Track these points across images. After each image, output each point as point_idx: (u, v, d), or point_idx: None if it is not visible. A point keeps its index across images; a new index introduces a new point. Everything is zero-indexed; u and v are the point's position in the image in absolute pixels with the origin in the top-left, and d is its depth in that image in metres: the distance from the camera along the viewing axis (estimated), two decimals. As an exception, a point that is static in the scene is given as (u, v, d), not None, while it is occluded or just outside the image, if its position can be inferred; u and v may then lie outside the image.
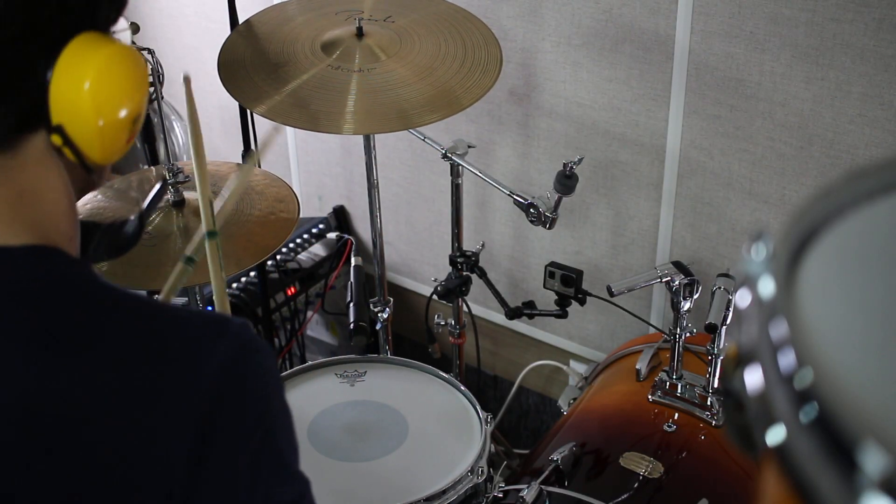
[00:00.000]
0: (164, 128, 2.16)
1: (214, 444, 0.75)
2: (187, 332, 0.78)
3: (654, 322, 2.10)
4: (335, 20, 1.75)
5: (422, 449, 1.57)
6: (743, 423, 0.41)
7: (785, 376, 0.39)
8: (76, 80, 0.76)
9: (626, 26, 1.88)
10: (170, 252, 1.59)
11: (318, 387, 1.72)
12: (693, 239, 1.99)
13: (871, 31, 1.61)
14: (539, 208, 1.72)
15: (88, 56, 0.76)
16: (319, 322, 2.59)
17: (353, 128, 1.60)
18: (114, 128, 0.79)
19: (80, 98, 0.76)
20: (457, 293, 1.97)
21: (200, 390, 0.75)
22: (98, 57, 0.77)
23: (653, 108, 1.92)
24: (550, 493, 1.50)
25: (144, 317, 0.78)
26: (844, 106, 1.69)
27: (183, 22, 2.64)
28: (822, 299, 0.43)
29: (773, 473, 0.39)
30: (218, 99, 2.60)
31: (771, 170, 1.82)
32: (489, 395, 2.54)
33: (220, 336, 0.78)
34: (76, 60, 0.76)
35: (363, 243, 2.62)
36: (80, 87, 0.76)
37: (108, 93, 0.78)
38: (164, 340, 0.77)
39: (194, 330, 0.78)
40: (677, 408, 1.68)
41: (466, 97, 1.62)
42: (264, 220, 1.66)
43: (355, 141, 2.41)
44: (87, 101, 0.76)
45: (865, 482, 0.35)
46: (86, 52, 0.76)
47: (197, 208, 1.66)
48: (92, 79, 0.76)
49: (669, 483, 1.54)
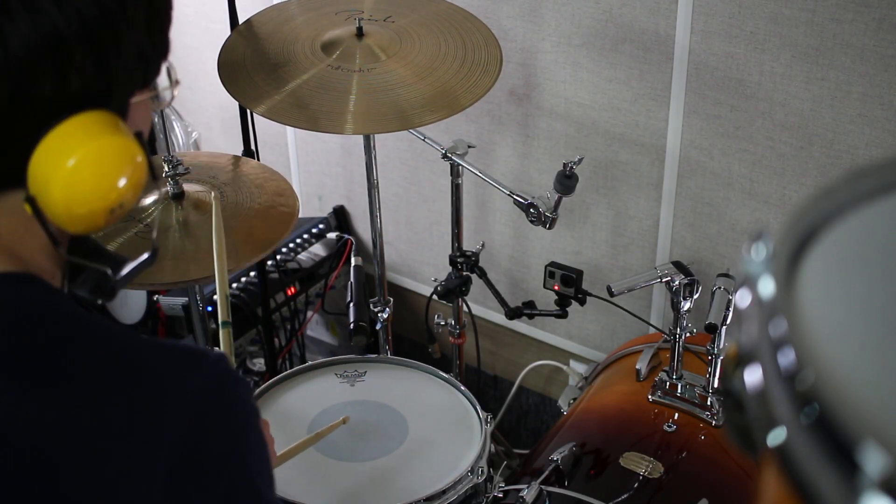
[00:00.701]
0: (164, 127, 2.16)
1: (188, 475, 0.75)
2: (163, 365, 0.77)
3: (654, 322, 2.10)
4: (335, 20, 1.76)
5: (422, 449, 1.57)
6: (743, 423, 0.41)
7: (785, 376, 0.39)
8: (56, 159, 0.74)
9: (626, 26, 1.88)
10: (170, 246, 1.59)
11: (318, 387, 1.72)
12: (693, 239, 1.99)
13: (871, 31, 1.61)
14: (539, 208, 1.72)
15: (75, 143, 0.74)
16: (319, 322, 2.59)
17: (353, 128, 1.60)
18: (86, 214, 0.77)
19: (54, 181, 0.74)
20: (457, 293, 1.97)
21: (175, 421, 0.74)
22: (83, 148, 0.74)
23: (653, 108, 1.92)
24: (550, 493, 1.50)
25: (121, 348, 0.77)
26: (844, 106, 1.69)
27: (183, 22, 2.64)
28: (822, 299, 0.43)
29: (773, 473, 0.39)
30: (218, 99, 2.60)
31: (771, 170, 1.82)
32: (489, 395, 2.54)
33: (195, 368, 0.77)
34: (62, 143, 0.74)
35: (363, 243, 2.62)
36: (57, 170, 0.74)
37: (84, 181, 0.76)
38: (138, 372, 0.76)
39: (170, 362, 0.78)
40: (677, 408, 1.68)
41: (466, 97, 1.62)
42: (265, 214, 1.66)
43: (355, 141, 2.40)
44: (59, 186, 0.74)
45: (865, 482, 0.35)
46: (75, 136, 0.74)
47: (196, 201, 1.67)
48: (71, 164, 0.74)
49: (669, 483, 1.54)
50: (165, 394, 0.76)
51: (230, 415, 0.79)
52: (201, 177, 1.73)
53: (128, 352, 0.77)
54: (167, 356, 0.78)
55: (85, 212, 0.77)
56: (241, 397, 0.81)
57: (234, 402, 0.79)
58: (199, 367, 0.78)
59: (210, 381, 0.78)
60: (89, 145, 0.75)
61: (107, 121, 0.76)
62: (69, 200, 0.75)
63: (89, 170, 0.75)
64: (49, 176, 0.74)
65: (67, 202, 0.75)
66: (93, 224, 0.79)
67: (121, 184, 0.78)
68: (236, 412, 0.79)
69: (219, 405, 0.78)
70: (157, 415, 0.75)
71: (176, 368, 0.77)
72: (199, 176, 1.73)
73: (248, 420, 0.81)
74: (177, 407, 0.75)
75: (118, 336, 0.78)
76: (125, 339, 0.79)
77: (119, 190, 0.78)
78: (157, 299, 2.21)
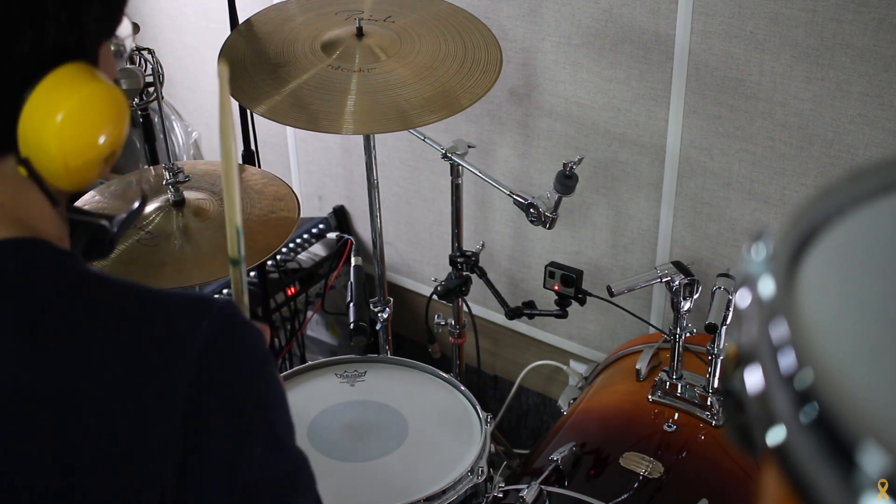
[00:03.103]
0: (164, 127, 2.16)
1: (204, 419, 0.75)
2: (172, 313, 0.78)
3: (654, 322, 2.10)
4: (335, 20, 1.76)
5: (422, 449, 1.57)
6: (743, 423, 0.41)
7: (785, 376, 0.39)
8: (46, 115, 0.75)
9: (626, 26, 1.88)
10: (170, 251, 1.59)
11: (318, 387, 1.72)
12: (693, 239, 1.99)
13: (871, 31, 1.61)
14: (539, 208, 1.72)
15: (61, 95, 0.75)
16: (319, 322, 2.59)
17: (353, 128, 1.60)
18: (82, 167, 0.79)
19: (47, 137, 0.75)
20: (457, 293, 1.97)
21: (186, 367, 0.75)
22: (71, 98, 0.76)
23: (653, 108, 1.92)
24: (550, 493, 1.50)
25: (131, 301, 0.78)
26: (844, 106, 1.69)
27: (183, 22, 2.64)
28: (822, 299, 0.43)
29: (773, 473, 0.39)
30: (218, 99, 2.60)
31: (771, 170, 1.82)
32: (489, 395, 2.54)
33: (204, 315, 0.78)
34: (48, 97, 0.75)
35: (363, 243, 2.62)
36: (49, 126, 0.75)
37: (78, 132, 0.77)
38: (150, 323, 0.77)
39: (179, 310, 0.79)
40: (677, 408, 1.68)
41: (466, 97, 1.62)
42: (265, 219, 1.66)
43: (355, 141, 2.41)
44: (53, 142, 0.76)
45: (865, 482, 0.35)
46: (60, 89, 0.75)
47: (196, 208, 1.67)
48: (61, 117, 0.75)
49: (669, 483, 1.54)
50: (177, 341, 0.76)
51: (240, 359, 0.79)
52: (202, 184, 1.73)
53: (137, 303, 0.78)
54: (176, 305, 0.79)
55: (81, 163, 0.78)
56: (250, 342, 0.80)
57: (242, 347, 0.79)
58: (208, 314, 0.78)
59: (219, 325, 0.78)
60: (75, 95, 0.76)
61: (86, 70, 0.78)
62: (65, 154, 0.77)
63: (80, 119, 0.77)
64: (40, 133, 0.75)
65: (64, 156, 0.77)
66: (88, 176, 0.80)
67: (111, 130, 0.79)
68: (247, 355, 0.79)
69: (228, 350, 0.78)
70: (169, 362, 0.75)
71: (185, 316, 0.78)
72: (200, 184, 1.73)
73: (260, 364, 0.80)
74: (189, 353, 0.76)
75: (127, 287, 0.79)
76: (134, 289, 0.79)
77: (110, 136, 0.80)
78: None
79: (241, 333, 0.80)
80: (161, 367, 0.75)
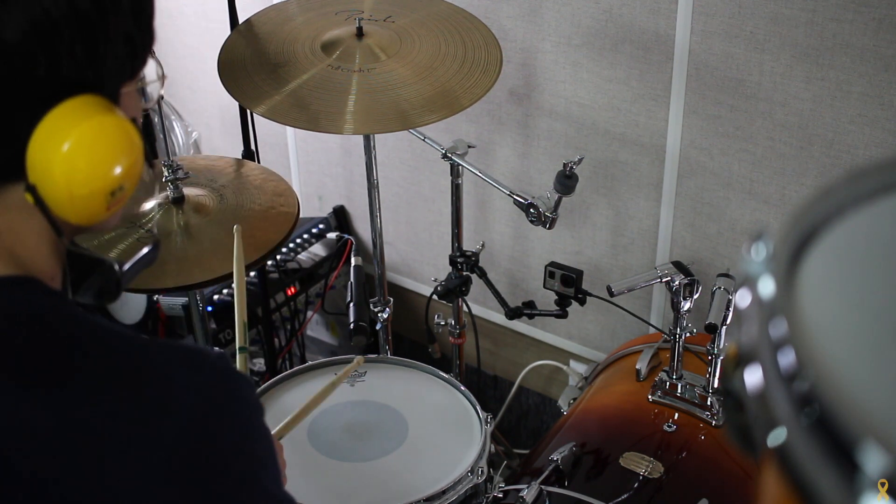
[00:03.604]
0: (164, 127, 2.16)
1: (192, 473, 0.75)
2: (165, 364, 0.77)
3: (654, 322, 2.10)
4: (335, 20, 1.76)
5: (422, 449, 1.57)
6: (743, 424, 0.41)
7: (785, 376, 0.39)
8: (54, 143, 0.75)
9: (626, 26, 1.88)
10: (171, 250, 1.59)
11: (318, 387, 1.71)
12: (693, 239, 1.99)
13: (871, 31, 1.61)
14: (539, 208, 1.72)
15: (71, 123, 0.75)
16: (319, 322, 2.59)
17: (353, 128, 1.60)
18: (87, 196, 0.78)
19: (53, 164, 0.75)
20: (457, 293, 1.97)
21: (178, 420, 0.74)
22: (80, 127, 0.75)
23: (653, 108, 1.92)
24: (550, 493, 1.50)
25: (121, 349, 0.77)
26: (844, 106, 1.69)
27: (183, 22, 2.64)
28: (822, 299, 0.43)
29: (773, 473, 0.39)
30: (218, 99, 2.60)
31: (771, 170, 1.82)
32: (489, 395, 2.54)
33: (198, 367, 0.78)
34: (58, 125, 0.75)
35: (363, 243, 2.62)
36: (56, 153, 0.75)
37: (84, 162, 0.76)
38: (139, 372, 0.76)
39: (172, 362, 0.78)
40: (677, 408, 1.68)
41: (466, 97, 1.62)
42: (265, 215, 1.66)
43: (355, 141, 2.41)
44: (59, 169, 0.75)
45: (866, 482, 0.35)
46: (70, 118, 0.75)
47: (196, 204, 1.67)
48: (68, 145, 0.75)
49: (669, 483, 1.54)
50: (167, 393, 0.75)
51: (233, 412, 0.79)
52: (201, 180, 1.73)
53: (128, 352, 0.77)
54: (169, 356, 0.78)
55: (86, 193, 0.77)
56: (243, 395, 0.80)
57: (236, 400, 0.79)
58: (202, 366, 0.78)
59: (212, 379, 0.78)
60: (85, 124, 0.76)
61: (100, 103, 0.77)
62: (70, 183, 0.76)
63: (87, 148, 0.76)
64: (47, 160, 0.75)
65: (69, 185, 0.76)
66: (95, 210, 0.79)
67: (119, 163, 0.79)
68: (239, 410, 0.79)
69: (221, 403, 0.78)
70: (160, 414, 0.74)
71: (178, 368, 0.77)
72: (199, 180, 1.73)
73: (251, 418, 0.80)
74: (179, 406, 0.75)
75: (119, 336, 0.78)
76: (125, 339, 0.78)
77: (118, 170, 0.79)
78: (157, 299, 2.21)
79: (235, 386, 0.80)
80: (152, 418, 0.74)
